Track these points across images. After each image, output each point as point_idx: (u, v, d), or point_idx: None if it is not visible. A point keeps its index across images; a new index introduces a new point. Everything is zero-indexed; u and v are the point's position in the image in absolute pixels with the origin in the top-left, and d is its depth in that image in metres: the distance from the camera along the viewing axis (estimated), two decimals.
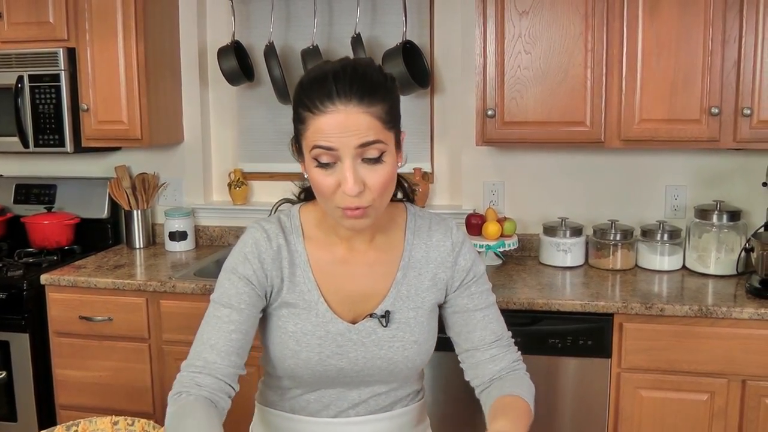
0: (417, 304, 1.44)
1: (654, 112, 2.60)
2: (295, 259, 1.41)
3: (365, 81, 1.27)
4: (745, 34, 2.50)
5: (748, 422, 2.38)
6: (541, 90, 2.68)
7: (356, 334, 1.40)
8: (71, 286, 2.77)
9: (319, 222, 1.43)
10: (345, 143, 1.24)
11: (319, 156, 1.26)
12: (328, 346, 1.39)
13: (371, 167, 1.27)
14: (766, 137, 2.54)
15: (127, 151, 3.41)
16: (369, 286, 1.43)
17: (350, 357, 1.40)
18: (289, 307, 1.40)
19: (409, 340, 1.42)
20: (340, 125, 1.23)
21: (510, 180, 3.13)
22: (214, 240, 3.40)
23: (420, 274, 1.45)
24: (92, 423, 1.42)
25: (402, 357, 1.42)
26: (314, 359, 1.38)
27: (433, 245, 1.47)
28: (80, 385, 2.84)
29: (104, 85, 2.98)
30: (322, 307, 1.39)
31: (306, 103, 1.26)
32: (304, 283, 1.40)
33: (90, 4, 2.93)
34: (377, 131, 1.26)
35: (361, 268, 1.43)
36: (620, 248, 2.84)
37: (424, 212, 1.52)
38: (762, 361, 2.33)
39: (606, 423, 2.49)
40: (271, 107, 3.32)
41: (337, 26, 3.21)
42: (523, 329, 2.48)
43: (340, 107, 1.23)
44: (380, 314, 1.41)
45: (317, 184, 1.29)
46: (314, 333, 1.38)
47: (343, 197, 1.26)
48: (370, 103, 1.25)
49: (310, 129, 1.26)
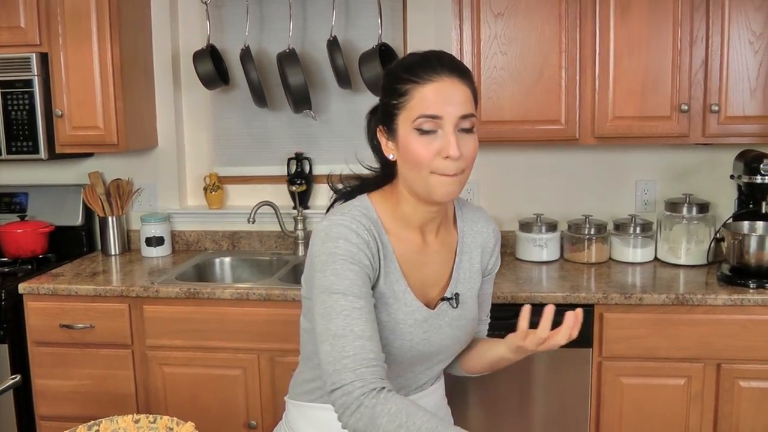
0: (472, 284, 1.57)
1: (626, 109, 2.71)
2: (385, 251, 1.45)
3: (461, 64, 1.42)
4: (712, 35, 2.63)
5: (723, 403, 2.49)
6: (518, 90, 2.76)
7: (436, 318, 1.49)
8: (51, 295, 2.73)
9: (392, 212, 1.49)
10: (449, 112, 1.34)
11: (422, 124, 1.35)
12: (417, 333, 1.47)
13: (466, 137, 1.37)
14: (733, 132, 2.68)
15: (100, 157, 3.37)
16: (437, 272, 1.53)
17: (431, 341, 1.49)
18: (381, 298, 1.44)
19: (469, 318, 1.56)
20: (445, 92, 1.35)
21: (485, 178, 3.19)
22: (191, 245, 3.38)
23: (471, 258, 1.58)
24: (113, 422, 1.42)
25: (465, 334, 1.56)
26: (406, 346, 1.46)
27: (478, 231, 1.60)
28: (61, 395, 2.79)
29: (79, 90, 2.94)
30: (409, 297, 1.46)
31: (408, 77, 1.37)
32: (393, 273, 1.46)
33: (62, 8, 2.89)
34: (472, 106, 1.38)
35: (431, 255, 1.52)
36: (594, 242, 2.93)
37: (466, 201, 1.66)
38: (735, 344, 2.45)
39: (588, 411, 2.57)
40: (246, 111, 3.33)
41: (311, 30, 3.24)
42: (506, 322, 2.47)
43: (445, 78, 1.36)
44: (450, 296, 1.52)
45: (416, 153, 1.36)
46: (405, 322, 1.45)
47: (442, 162, 1.35)
48: (467, 78, 1.39)
49: (414, 99, 1.36)
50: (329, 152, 3.31)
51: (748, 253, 2.55)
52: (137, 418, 1.45)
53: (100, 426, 1.41)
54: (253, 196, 3.36)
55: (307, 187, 3.24)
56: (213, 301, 2.66)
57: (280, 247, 3.32)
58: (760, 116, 2.65)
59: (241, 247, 3.36)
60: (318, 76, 3.26)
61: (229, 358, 2.67)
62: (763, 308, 2.43)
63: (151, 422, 1.45)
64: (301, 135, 3.33)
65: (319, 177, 3.31)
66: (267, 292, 2.63)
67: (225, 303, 2.65)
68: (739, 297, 2.43)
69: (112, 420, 1.43)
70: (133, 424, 1.43)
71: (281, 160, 3.31)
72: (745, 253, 2.55)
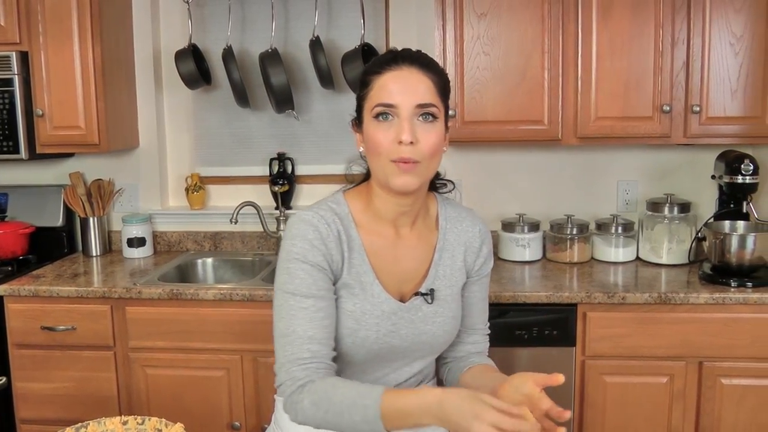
0: (452, 282, 1.58)
1: (609, 110, 2.73)
2: (351, 243, 1.49)
3: (424, 55, 1.46)
4: (693, 36, 2.65)
5: (705, 401, 2.51)
6: (501, 90, 2.77)
7: (407, 312, 1.51)
8: (32, 296, 2.70)
9: (365, 207, 1.53)
10: (405, 101, 1.38)
11: (380, 112, 1.39)
12: (384, 324, 1.48)
13: (425, 126, 1.40)
14: (714, 133, 2.71)
15: (81, 158, 3.34)
16: (412, 267, 1.54)
17: (402, 334, 1.50)
18: (347, 288, 1.48)
19: (448, 316, 1.56)
20: (402, 82, 1.39)
21: (467, 178, 3.20)
22: (173, 246, 3.36)
23: (453, 256, 1.59)
24: (101, 424, 1.41)
25: (443, 331, 1.56)
26: (372, 337, 1.47)
27: (463, 230, 1.61)
28: (42, 398, 2.76)
29: (60, 90, 2.91)
30: (377, 288, 1.49)
31: (372, 69, 1.43)
32: (360, 266, 1.49)
33: (43, 6, 2.86)
34: (433, 95, 1.42)
35: (405, 250, 1.54)
36: (577, 242, 2.95)
37: (452, 201, 1.67)
38: (717, 342, 2.47)
39: (572, 410, 2.57)
40: (227, 111, 3.32)
41: (293, 30, 3.23)
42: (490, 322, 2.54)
43: (404, 67, 1.40)
44: (425, 292, 1.53)
45: (374, 140, 1.40)
46: (372, 312, 1.48)
47: (397, 148, 1.38)
48: (429, 69, 1.43)
49: (373, 89, 1.41)
50: (312, 152, 3.30)
51: (730, 252, 2.57)
52: (125, 420, 1.44)
53: (88, 428, 1.39)
54: (236, 196, 3.34)
55: (289, 187, 3.23)
56: (196, 302, 2.64)
57: (262, 247, 3.31)
58: (741, 117, 2.68)
59: (223, 248, 3.34)
60: (300, 76, 3.25)
61: (212, 359, 2.66)
62: (744, 306, 2.45)
63: (139, 424, 1.44)
64: (284, 135, 3.32)
65: (302, 177, 3.30)
66: (250, 293, 2.61)
67: (208, 304, 2.63)
68: (721, 296, 2.45)
69: (99, 422, 1.42)
70: (121, 426, 1.42)
71: (263, 161, 3.30)
72: (726, 252, 2.58)
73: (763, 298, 2.43)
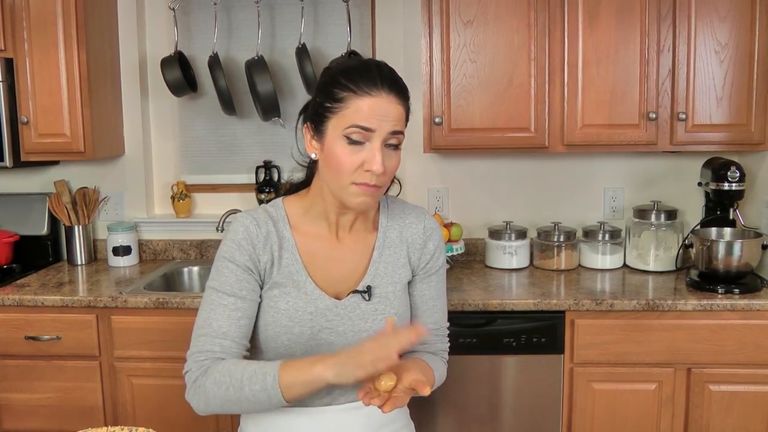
0: (394, 279, 1.59)
1: (595, 117, 2.73)
2: (283, 243, 1.53)
3: (401, 81, 1.46)
4: (678, 44, 2.67)
5: (693, 407, 2.51)
6: (487, 97, 2.77)
7: (343, 309, 1.52)
8: (16, 306, 2.67)
9: (306, 211, 1.57)
10: (382, 127, 1.39)
11: (353, 134, 1.39)
12: (318, 320, 1.50)
13: (390, 153, 1.43)
14: (700, 140, 2.72)
15: (66, 165, 3.32)
16: (351, 266, 1.57)
17: (339, 330, 1.51)
18: (279, 287, 1.51)
19: (390, 313, 1.56)
20: (381, 109, 1.39)
21: (454, 186, 3.20)
22: (158, 254, 3.34)
23: (395, 253, 1.60)
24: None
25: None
26: (307, 333, 1.50)
27: (406, 226, 1.63)
28: (27, 408, 2.73)
29: (45, 97, 2.88)
30: (310, 286, 1.52)
31: (348, 84, 1.39)
32: (292, 265, 1.52)
33: (28, 13, 2.84)
34: (403, 124, 1.45)
35: (343, 250, 1.56)
36: (564, 249, 2.95)
37: (397, 199, 1.68)
38: (705, 348, 2.48)
39: (560, 417, 2.57)
40: (213, 118, 3.30)
41: (279, 37, 3.23)
42: (477, 330, 2.54)
43: (384, 95, 1.40)
44: (362, 289, 1.55)
45: (340, 161, 1.41)
46: (305, 309, 1.50)
47: (364, 175, 1.40)
48: (404, 98, 1.45)
49: (350, 108, 1.39)
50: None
51: (717, 258, 2.58)
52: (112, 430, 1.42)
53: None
54: (222, 204, 3.33)
55: (275, 195, 3.21)
56: (182, 311, 2.62)
57: None
58: (727, 124, 2.70)
59: (209, 256, 3.32)
60: (287, 83, 3.25)
61: None
62: (731, 313, 2.46)
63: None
64: (270, 143, 3.30)
65: None
66: None
67: (194, 313, 2.58)
68: (708, 302, 2.46)
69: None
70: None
71: (249, 168, 3.28)
72: (713, 258, 2.59)
73: (750, 305, 2.45)
